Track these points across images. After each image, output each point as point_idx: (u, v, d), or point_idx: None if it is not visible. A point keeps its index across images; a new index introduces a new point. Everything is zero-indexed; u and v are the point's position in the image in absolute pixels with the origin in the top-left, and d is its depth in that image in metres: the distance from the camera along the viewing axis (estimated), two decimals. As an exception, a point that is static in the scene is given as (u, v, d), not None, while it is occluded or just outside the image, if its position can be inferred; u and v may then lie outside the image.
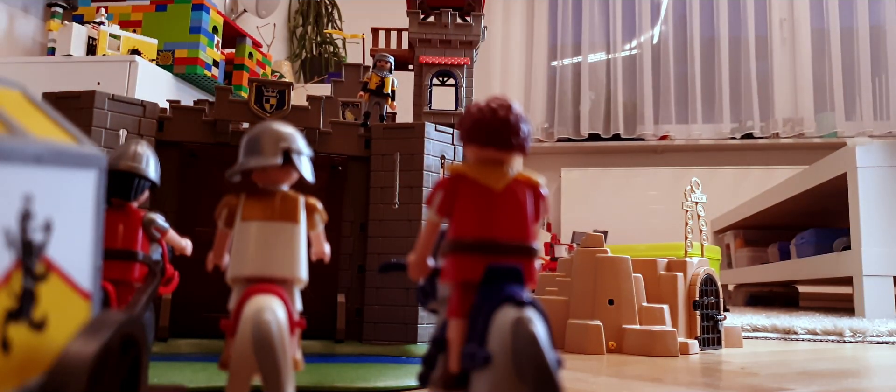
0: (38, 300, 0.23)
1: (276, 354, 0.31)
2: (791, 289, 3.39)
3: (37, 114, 0.26)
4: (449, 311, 0.29)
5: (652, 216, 3.81)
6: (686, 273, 1.26)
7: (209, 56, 2.50)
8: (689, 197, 1.38)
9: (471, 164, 0.29)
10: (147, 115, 0.97)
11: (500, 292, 0.26)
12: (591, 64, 4.29)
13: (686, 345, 1.17)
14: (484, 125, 0.28)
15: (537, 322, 0.25)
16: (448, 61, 1.51)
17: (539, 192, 0.29)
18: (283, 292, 0.34)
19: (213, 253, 0.39)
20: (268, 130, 0.37)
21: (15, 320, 0.21)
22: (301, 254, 0.37)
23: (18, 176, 0.21)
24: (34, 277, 0.22)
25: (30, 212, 0.22)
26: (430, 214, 0.30)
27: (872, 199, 2.09)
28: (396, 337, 0.99)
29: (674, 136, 4.10)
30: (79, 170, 0.26)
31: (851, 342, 1.47)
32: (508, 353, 0.24)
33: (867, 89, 3.91)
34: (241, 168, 0.37)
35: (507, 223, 0.28)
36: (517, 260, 0.28)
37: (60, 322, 0.25)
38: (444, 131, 1.07)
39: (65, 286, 0.25)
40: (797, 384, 0.85)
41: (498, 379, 0.25)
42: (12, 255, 0.21)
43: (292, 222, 0.37)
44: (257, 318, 0.31)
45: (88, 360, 0.22)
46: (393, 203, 1.02)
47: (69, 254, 0.25)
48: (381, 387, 0.71)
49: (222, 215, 0.38)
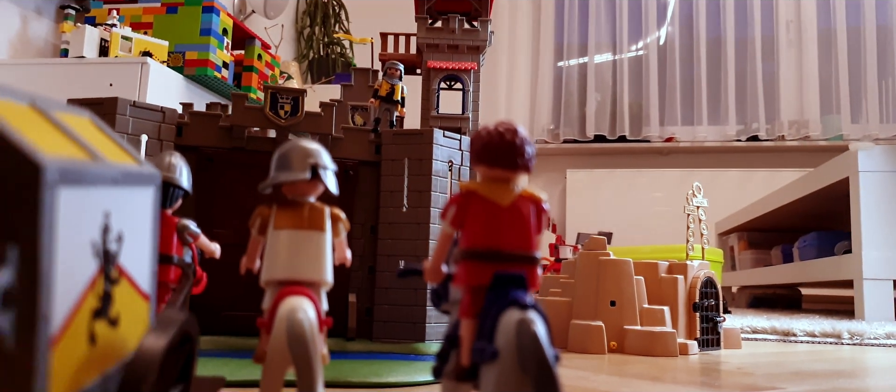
0: (113, 301, 0.27)
1: (309, 350, 0.34)
2: (794, 291, 3.42)
3: (103, 138, 0.29)
4: (461, 312, 0.33)
5: (656, 218, 3.84)
6: (686, 276, 1.30)
7: (219, 58, 2.54)
8: (690, 201, 1.41)
9: (480, 181, 0.33)
10: (166, 120, 1.01)
11: (507, 296, 0.30)
12: (598, 65, 4.32)
13: (685, 345, 1.21)
14: (492, 148, 0.32)
15: (538, 323, 0.29)
16: (455, 66, 1.54)
17: (541, 206, 0.33)
18: (312, 294, 0.38)
19: (246, 257, 0.43)
20: (297, 148, 0.41)
21: (98, 318, 0.25)
22: (327, 259, 0.41)
23: (101, 196, 0.25)
24: (111, 281, 0.26)
25: (108, 226, 0.26)
26: (443, 226, 0.34)
27: (874, 203, 2.12)
28: (405, 335, 1.03)
29: (679, 138, 4.13)
30: (142, 188, 0.30)
31: (849, 344, 1.50)
32: (513, 349, 0.28)
33: (874, 92, 3.92)
34: (272, 182, 0.41)
35: (512, 235, 0.32)
36: (521, 267, 0.32)
37: (128, 319, 0.29)
38: (451, 137, 1.11)
39: (131, 289, 0.29)
40: (790, 384, 0.89)
41: (503, 372, 0.29)
42: (97, 263, 0.25)
43: (319, 231, 0.40)
44: (292, 317, 0.35)
45: (161, 352, 0.26)
46: (402, 206, 1.06)
47: (134, 260, 0.29)
48: (393, 382, 0.75)
49: (256, 224, 0.42)
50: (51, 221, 0.20)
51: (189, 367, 0.32)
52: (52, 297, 0.21)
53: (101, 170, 0.25)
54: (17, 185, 0.19)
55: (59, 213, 0.21)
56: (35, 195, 0.19)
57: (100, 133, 0.29)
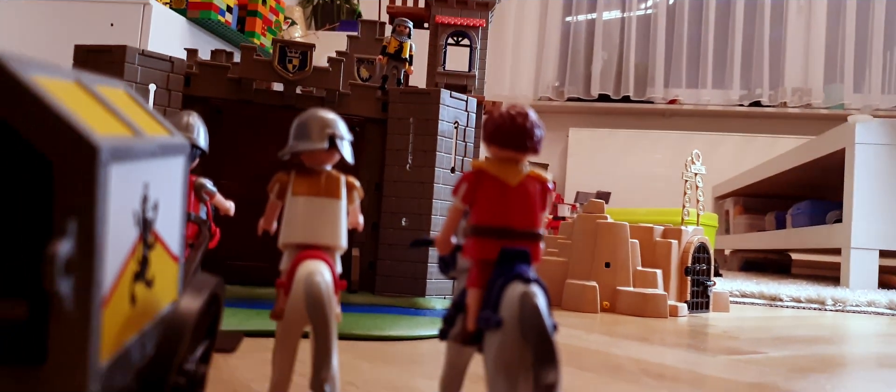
0: (150, 264, 0.29)
1: (326, 310, 0.37)
2: (785, 256, 3.47)
3: (138, 109, 0.31)
4: (468, 282, 0.35)
5: (657, 179, 3.86)
6: (680, 240, 1.33)
7: (223, 1, 2.52)
8: (689, 168, 1.43)
9: (491, 161, 0.35)
10: (175, 70, 1.03)
11: (512, 270, 0.33)
12: (606, 22, 4.29)
13: (676, 308, 1.24)
14: (504, 130, 0.34)
15: (540, 296, 0.31)
16: (464, 22, 1.53)
17: (546, 186, 0.35)
18: (328, 257, 0.41)
19: (264, 219, 0.46)
20: (315, 117, 0.43)
21: (137, 280, 0.27)
22: (342, 225, 0.43)
23: (142, 169, 0.27)
24: (148, 246, 0.28)
25: (147, 196, 0.28)
26: (455, 201, 0.36)
27: (868, 175, 2.14)
28: (406, 290, 1.06)
29: (683, 101, 4.13)
30: (174, 157, 0.32)
31: (832, 311, 1.54)
32: (516, 319, 0.31)
33: (878, 62, 3.91)
34: (291, 150, 0.43)
35: (519, 213, 0.34)
36: (526, 244, 0.34)
37: (161, 280, 0.31)
38: (458, 98, 1.12)
39: (164, 252, 0.31)
40: (771, 348, 0.92)
41: (506, 339, 0.31)
42: (137, 231, 0.27)
43: (335, 198, 0.43)
44: (310, 280, 0.37)
45: (196, 312, 0.28)
46: (406, 165, 1.08)
47: (166, 225, 0.31)
48: (395, 335, 0.78)
49: (275, 189, 0.44)
50: (104, 197, 0.22)
51: (216, 324, 0.35)
52: (104, 265, 0.23)
53: (143, 145, 0.27)
54: (76, 165, 0.21)
55: (110, 188, 0.23)
56: (92, 174, 0.21)
57: (134, 104, 0.31)
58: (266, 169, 1.09)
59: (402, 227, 1.07)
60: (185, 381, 0.29)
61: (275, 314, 0.40)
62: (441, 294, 1.09)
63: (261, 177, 1.09)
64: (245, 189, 0.89)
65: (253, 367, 0.62)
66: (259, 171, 1.08)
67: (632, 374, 0.71)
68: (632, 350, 0.85)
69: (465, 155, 1.13)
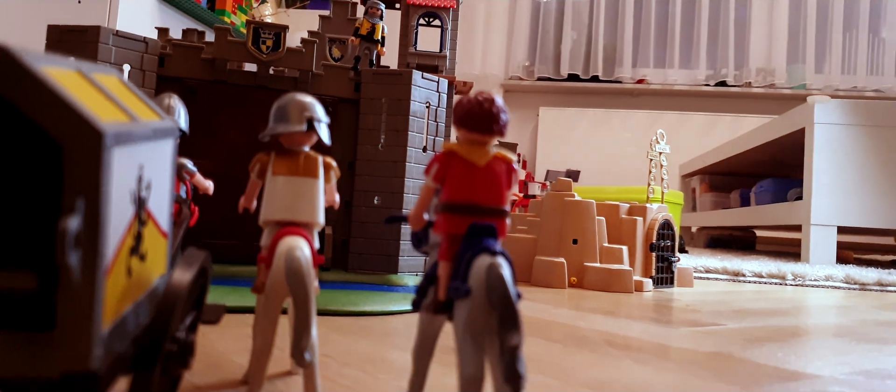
0: (143, 239, 0.31)
1: (306, 282, 0.39)
2: (749, 233, 3.56)
3: (131, 95, 0.33)
4: (439, 256, 0.38)
5: (625, 158, 3.92)
6: (646, 218, 1.37)
7: (194, -20, 2.50)
8: (653, 147, 1.48)
9: (461, 143, 0.38)
10: (149, 51, 1.03)
11: (480, 244, 0.35)
12: (575, 2, 4.32)
13: (641, 283, 1.29)
14: (473, 115, 0.37)
15: (505, 267, 0.34)
16: (435, 3, 1.55)
17: (511, 167, 0.38)
18: (306, 234, 0.43)
19: (244, 198, 0.48)
20: (294, 101, 0.45)
21: (133, 255, 0.30)
22: (320, 203, 0.45)
23: (138, 152, 0.29)
24: (142, 223, 0.30)
25: (142, 177, 0.30)
26: (427, 181, 0.39)
27: (826, 153, 2.21)
28: (379, 267, 1.08)
29: (650, 81, 4.19)
30: (164, 140, 0.34)
31: (792, 285, 1.60)
32: (483, 288, 0.34)
33: (838, 44, 4.01)
34: (270, 132, 0.45)
35: (486, 191, 0.37)
36: (493, 220, 0.37)
37: (152, 255, 0.33)
38: (430, 79, 1.15)
39: (155, 229, 0.33)
40: (730, 320, 0.97)
41: (474, 307, 0.34)
42: (133, 209, 0.29)
43: (313, 177, 0.45)
44: (290, 255, 0.40)
45: (188, 284, 0.30)
46: (379, 144, 1.10)
47: (157, 204, 0.33)
48: (369, 310, 0.81)
49: (255, 169, 0.46)
50: (107, 178, 0.24)
51: (203, 295, 0.37)
52: (107, 239, 0.25)
53: (139, 129, 0.29)
54: (84, 148, 0.23)
55: (112, 170, 0.25)
56: (98, 156, 0.24)
57: (127, 90, 0.33)
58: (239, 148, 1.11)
59: (374, 206, 1.09)
60: (176, 348, 0.31)
61: (256, 288, 0.43)
62: (413, 271, 1.11)
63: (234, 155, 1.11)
64: (219, 168, 0.90)
65: (231, 341, 0.64)
66: (232, 150, 1.10)
67: (597, 345, 0.74)
68: (598, 323, 0.89)
69: (436, 134, 1.16)
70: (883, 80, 3.95)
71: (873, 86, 3.96)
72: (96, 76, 0.30)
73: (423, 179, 1.12)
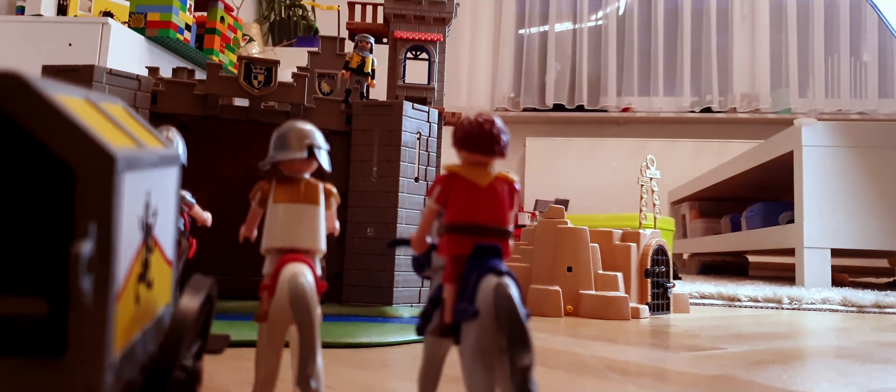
0: (150, 266, 0.31)
1: (310, 308, 0.39)
2: (741, 258, 3.57)
3: (135, 123, 0.33)
4: (444, 278, 0.38)
5: (612, 186, 3.94)
6: (639, 244, 1.37)
7: (181, 20, 2.52)
8: (644, 173, 1.49)
9: (462, 164, 0.38)
10: (142, 88, 1.04)
11: (485, 264, 0.36)
12: (558, 34, 4.38)
13: (637, 309, 1.29)
14: (473, 136, 0.37)
15: (512, 286, 0.34)
16: (422, 37, 1.57)
17: (513, 187, 0.39)
18: (309, 260, 0.43)
19: (245, 227, 0.48)
20: (294, 129, 0.46)
21: (141, 281, 0.30)
22: (321, 229, 0.45)
23: (146, 178, 0.29)
24: (148, 250, 0.30)
25: (149, 203, 0.30)
26: (429, 203, 0.39)
27: (816, 176, 2.23)
28: (374, 299, 1.08)
29: (635, 109, 4.23)
30: (170, 167, 0.34)
31: (789, 309, 1.61)
32: (491, 308, 0.34)
33: (820, 68, 4.07)
34: (271, 160, 0.45)
35: (489, 212, 0.37)
36: (497, 240, 0.37)
37: (158, 283, 0.33)
38: (420, 109, 1.15)
39: (161, 257, 0.33)
40: (731, 344, 0.97)
41: (483, 328, 0.34)
42: (141, 235, 0.29)
43: (314, 204, 0.45)
44: (293, 281, 0.40)
45: (196, 311, 0.30)
46: (371, 176, 1.10)
47: (162, 231, 0.33)
48: (367, 342, 0.80)
49: (256, 197, 0.46)
50: (119, 202, 0.24)
51: (209, 323, 0.37)
52: (118, 264, 0.25)
53: (147, 156, 0.29)
54: (96, 173, 0.23)
55: (122, 195, 0.25)
56: (109, 181, 0.24)
57: (132, 119, 0.33)
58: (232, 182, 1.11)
59: (368, 237, 1.09)
60: (184, 376, 0.31)
61: (259, 316, 0.43)
62: (408, 302, 1.11)
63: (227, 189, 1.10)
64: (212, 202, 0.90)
65: (231, 373, 0.63)
66: (225, 185, 1.10)
67: (598, 370, 0.74)
68: (597, 349, 0.89)
69: (428, 164, 1.16)
70: (866, 102, 4.01)
71: (857, 108, 4.02)
72: (103, 105, 0.30)
73: (416, 210, 1.12)
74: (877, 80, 4.03)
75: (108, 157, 0.23)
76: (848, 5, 4.09)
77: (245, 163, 1.09)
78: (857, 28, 4.09)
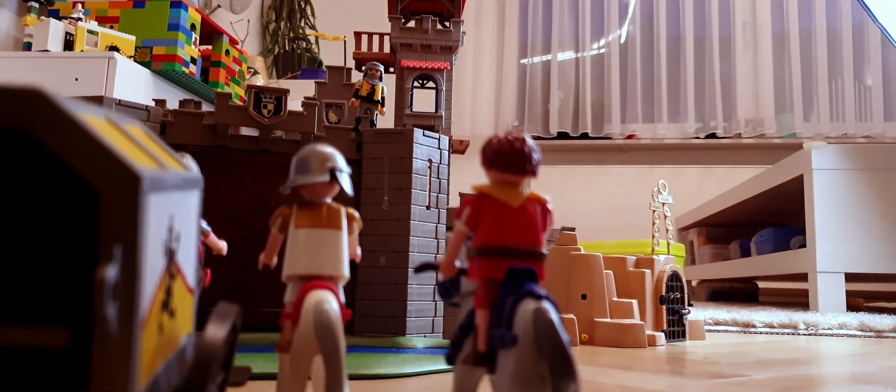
0: (173, 294, 0.29)
1: (336, 337, 0.38)
2: (751, 284, 3.53)
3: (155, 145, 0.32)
4: (476, 303, 0.36)
5: (618, 214, 3.92)
6: (653, 270, 1.35)
7: (187, 53, 2.52)
8: (656, 198, 1.47)
9: (492, 185, 0.37)
10: (151, 119, 1.03)
11: (521, 288, 0.34)
12: (561, 62, 4.39)
13: (653, 337, 1.26)
14: (504, 155, 0.36)
15: (553, 311, 0.32)
16: (429, 65, 1.57)
17: (546, 207, 0.37)
18: (333, 287, 0.41)
19: (264, 254, 0.46)
20: (315, 152, 0.44)
21: (164, 309, 0.28)
22: (345, 255, 0.44)
23: (169, 201, 0.28)
24: (172, 277, 0.29)
25: (173, 227, 0.28)
26: (458, 225, 0.37)
27: (826, 199, 2.21)
28: (386, 329, 1.06)
29: (640, 136, 4.23)
30: (192, 191, 0.33)
31: (805, 334, 1.58)
32: (530, 335, 0.32)
33: (824, 92, 4.07)
34: (292, 184, 0.44)
35: (522, 233, 0.36)
36: (531, 263, 0.35)
37: (181, 312, 0.31)
38: (431, 136, 1.14)
39: (183, 284, 0.32)
40: (754, 371, 0.94)
41: (522, 355, 0.32)
42: (165, 261, 0.27)
43: (337, 229, 0.44)
44: (318, 308, 0.38)
45: (223, 340, 0.29)
46: (383, 204, 1.09)
47: (185, 257, 0.32)
48: (382, 373, 0.78)
49: (277, 223, 0.44)
50: (144, 224, 0.23)
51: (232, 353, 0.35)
52: (142, 289, 0.23)
53: (170, 177, 0.27)
54: (121, 194, 0.22)
55: (148, 217, 0.23)
56: (135, 202, 0.22)
57: (151, 140, 0.32)
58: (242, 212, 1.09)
59: (379, 266, 1.07)
60: (209, 411, 0.29)
61: (282, 346, 0.41)
62: (421, 332, 1.09)
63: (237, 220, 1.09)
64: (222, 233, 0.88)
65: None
66: (235, 215, 1.09)
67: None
68: (618, 378, 0.86)
69: (439, 191, 1.15)
70: (872, 126, 4.00)
71: (863, 132, 4.00)
72: (124, 125, 0.28)
73: (428, 238, 1.10)
74: (881, 103, 4.02)
75: (133, 177, 0.22)
76: (850, 30, 4.10)
77: (254, 193, 1.08)
78: (860, 52, 4.10)
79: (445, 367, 0.84)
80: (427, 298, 1.09)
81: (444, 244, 1.13)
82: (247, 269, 0.94)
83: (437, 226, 1.13)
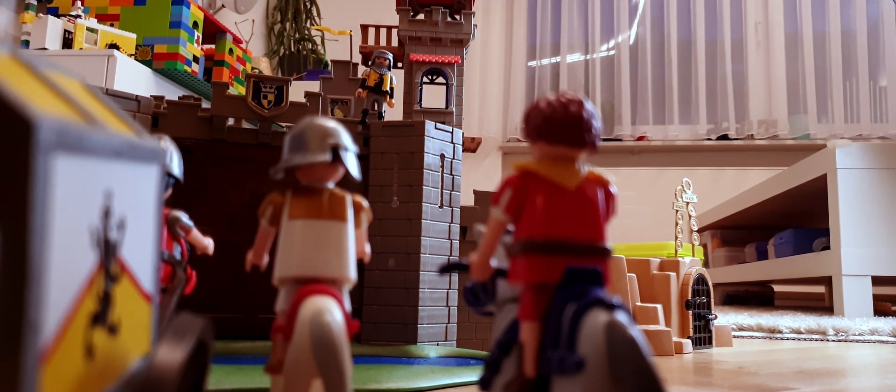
0: (114, 303, 0.21)
1: (339, 355, 0.29)
2: (767, 288, 3.44)
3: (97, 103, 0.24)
4: (521, 314, 0.27)
5: (629, 216, 3.83)
6: (679, 273, 1.27)
7: (189, 52, 2.45)
8: (679, 197, 1.39)
9: (540, 161, 0.28)
10: (141, 110, 0.95)
11: (584, 294, 0.25)
12: (570, 64, 4.32)
13: (680, 344, 1.18)
14: (556, 121, 0.27)
15: (632, 326, 0.24)
16: (439, 59, 1.50)
17: (609, 190, 0.29)
18: (336, 293, 0.33)
19: (252, 252, 0.38)
20: (313, 126, 0.36)
21: (96, 325, 0.20)
22: (351, 253, 0.35)
23: (102, 171, 0.20)
24: (111, 279, 0.21)
25: (110, 209, 0.20)
26: (496, 213, 0.29)
27: (851, 200, 2.12)
28: (396, 337, 0.98)
29: (651, 137, 4.14)
30: (145, 165, 0.24)
31: (834, 341, 1.49)
32: (603, 357, 0.23)
33: (838, 92, 3.98)
34: (286, 165, 0.35)
35: (581, 223, 0.27)
36: (593, 261, 0.27)
37: (129, 326, 0.23)
38: (444, 129, 1.06)
39: (132, 288, 0.24)
40: (799, 383, 0.86)
41: (591, 382, 0.23)
42: (96, 256, 0.19)
43: (341, 221, 0.35)
44: (317, 320, 0.30)
45: (177, 368, 0.21)
46: (392, 202, 1.01)
47: (136, 254, 0.24)
48: (394, 388, 0.70)
49: (267, 213, 0.36)
50: (44, 197, 0.15)
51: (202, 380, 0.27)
52: (44, 299, 0.15)
53: (103, 139, 0.19)
54: (3, 147, 0.14)
55: (54, 186, 0.15)
56: (25, 160, 0.14)
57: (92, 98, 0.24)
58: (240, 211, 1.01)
59: (388, 269, 0.99)
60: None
61: (271, 367, 0.33)
62: (434, 341, 1.00)
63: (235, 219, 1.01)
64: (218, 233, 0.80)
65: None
66: (233, 214, 1.01)
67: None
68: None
69: (452, 188, 1.06)
70: (888, 127, 3.91)
71: (878, 132, 3.91)
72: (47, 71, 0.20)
73: (440, 238, 1.02)
74: (897, 103, 3.93)
75: (22, 123, 0.14)
76: (865, 31, 4.01)
77: (254, 190, 1.00)
78: (875, 52, 4.01)
79: (462, 380, 0.76)
80: (440, 304, 1.01)
81: (458, 246, 1.05)
82: (247, 271, 0.86)
83: (450, 225, 1.04)
